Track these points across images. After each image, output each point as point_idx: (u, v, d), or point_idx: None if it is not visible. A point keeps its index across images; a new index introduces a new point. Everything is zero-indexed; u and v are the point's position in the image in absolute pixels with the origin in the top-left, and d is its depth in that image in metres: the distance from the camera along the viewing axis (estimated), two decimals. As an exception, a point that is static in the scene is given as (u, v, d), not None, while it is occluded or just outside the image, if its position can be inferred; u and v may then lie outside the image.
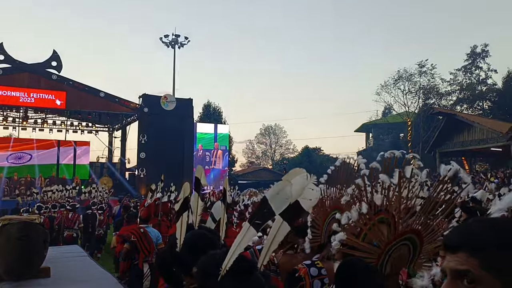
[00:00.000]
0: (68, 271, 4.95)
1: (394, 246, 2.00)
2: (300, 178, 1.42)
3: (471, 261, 0.88)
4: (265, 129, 64.72)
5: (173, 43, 37.91)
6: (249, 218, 1.48)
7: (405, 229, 2.03)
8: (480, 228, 0.92)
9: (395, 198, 2.05)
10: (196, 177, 2.25)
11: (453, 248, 0.92)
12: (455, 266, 0.90)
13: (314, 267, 2.33)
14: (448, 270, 0.93)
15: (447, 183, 2.16)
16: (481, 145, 28.01)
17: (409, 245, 2.08)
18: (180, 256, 1.93)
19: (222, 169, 33.33)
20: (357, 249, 1.91)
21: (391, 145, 39.21)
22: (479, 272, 0.87)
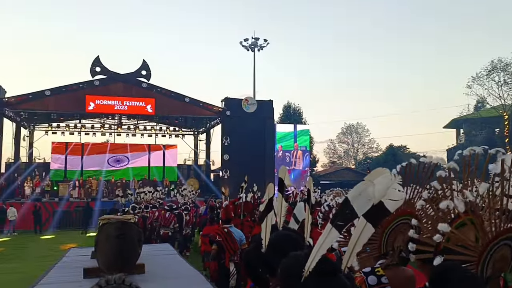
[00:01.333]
0: (160, 267, 5.27)
1: (496, 245, 1.85)
2: (384, 178, 1.37)
3: None
4: (346, 128, 63.56)
5: (253, 46, 38.62)
6: (331, 219, 1.47)
7: (507, 228, 1.87)
8: None
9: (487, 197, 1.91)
10: (279, 178, 2.25)
11: None
12: None
13: (374, 275, 2.20)
14: None
15: None
16: None
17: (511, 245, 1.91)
18: (265, 257, 1.95)
19: (302, 169, 33.20)
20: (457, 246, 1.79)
21: (485, 141, 36.38)
22: None
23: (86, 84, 27.67)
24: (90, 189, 28.11)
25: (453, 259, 1.77)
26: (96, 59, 27.82)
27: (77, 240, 18.98)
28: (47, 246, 17.50)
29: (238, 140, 29.51)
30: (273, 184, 2.27)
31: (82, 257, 6.21)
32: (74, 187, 27.68)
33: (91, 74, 27.76)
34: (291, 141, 33.83)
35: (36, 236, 21.15)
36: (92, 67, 27.73)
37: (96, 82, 27.71)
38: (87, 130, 31.41)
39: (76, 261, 5.98)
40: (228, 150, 29.78)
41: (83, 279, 4.74)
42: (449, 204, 1.85)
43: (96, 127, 31.75)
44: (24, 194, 26.59)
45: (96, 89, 27.70)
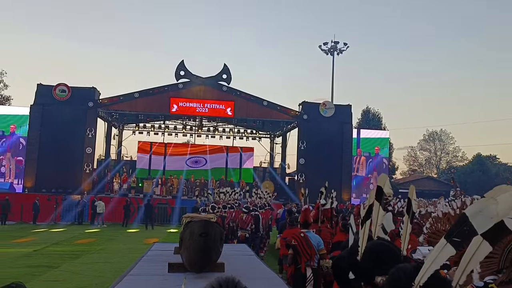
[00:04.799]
0: (239, 267, 5.39)
1: None
2: (508, 196, 1.31)
3: None
4: (429, 135, 60.60)
5: (332, 50, 38.23)
6: (446, 234, 1.43)
7: None
8: None
9: None
10: (378, 186, 2.22)
11: None
12: None
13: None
14: None
15: None
16: None
17: None
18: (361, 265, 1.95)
19: (365, 176, 32.07)
20: None
21: None
22: None
23: (171, 87, 29.15)
24: (171, 187, 29.50)
25: None
26: (181, 63, 29.19)
27: (159, 234, 20.01)
28: (133, 239, 18.64)
29: (314, 145, 29.34)
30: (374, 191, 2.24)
31: (166, 252, 6.55)
32: (157, 185, 29.20)
33: (175, 78, 29.20)
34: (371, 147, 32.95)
35: (123, 229, 22.61)
36: (177, 71, 29.14)
37: (180, 85, 29.10)
38: (170, 130, 33.03)
39: (160, 256, 6.32)
40: (304, 154, 29.71)
41: (167, 273, 5.00)
42: None
43: (178, 128, 33.28)
44: (113, 189, 28.59)
45: (179, 92, 29.10)
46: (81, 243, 16.56)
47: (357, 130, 33.28)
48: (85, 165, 27.37)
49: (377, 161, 32.87)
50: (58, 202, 25.17)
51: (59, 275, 10.48)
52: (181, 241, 5.14)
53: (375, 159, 32.85)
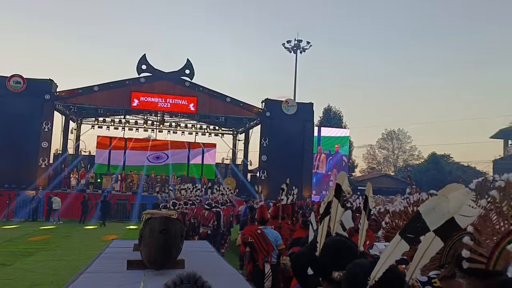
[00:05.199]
0: (200, 264, 5.37)
1: None
2: (459, 194, 1.37)
3: None
4: (387, 133, 62.31)
5: (295, 48, 38.58)
6: (400, 231, 1.48)
7: None
8: None
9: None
10: (337, 183, 2.27)
11: None
12: None
13: (430, 285, 2.19)
14: None
15: None
16: None
17: None
18: (320, 260, 1.99)
19: (325, 173, 32.71)
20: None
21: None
22: None
23: (132, 81, 28.54)
24: (131, 183, 28.95)
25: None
26: (143, 57, 28.64)
27: (117, 231, 19.61)
28: (90, 236, 18.18)
29: (276, 142, 29.56)
30: (333, 189, 2.29)
31: (125, 249, 6.42)
32: (116, 181, 28.57)
33: (137, 72, 28.62)
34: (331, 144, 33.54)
35: (80, 226, 22.01)
36: (139, 65, 28.57)
37: (141, 79, 28.54)
38: (130, 125, 32.34)
39: (119, 253, 6.19)
40: (266, 151, 29.87)
41: (126, 270, 4.91)
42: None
43: (139, 123, 32.65)
44: (70, 185, 27.74)
45: (141, 86, 28.54)
46: (35, 241, 15.98)
47: (318, 128, 33.77)
48: (40, 160, 26.38)
49: (337, 159, 33.53)
50: (11, 197, 24.15)
51: (12, 273, 10.09)
52: (140, 238, 5.06)
53: (335, 157, 33.49)
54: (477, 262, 2.01)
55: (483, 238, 1.95)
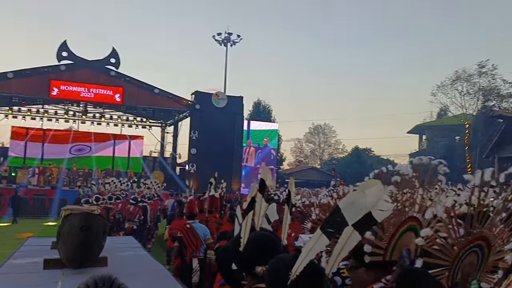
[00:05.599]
0: (124, 261, 5.18)
1: (467, 251, 1.95)
2: (375, 189, 1.43)
3: None
4: (314, 128, 64.26)
5: (226, 41, 38.44)
6: (321, 225, 1.51)
7: (477, 235, 1.98)
8: None
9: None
10: (261, 179, 2.28)
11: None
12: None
13: (338, 276, 2.29)
14: None
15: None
16: (545, 151, 26.30)
17: (478, 252, 2.02)
18: (243, 256, 1.99)
19: (254, 166, 33.21)
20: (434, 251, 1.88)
21: (446, 148, 37.72)
22: None
23: (52, 69, 26.80)
24: (50, 177, 27.26)
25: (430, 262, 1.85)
26: (63, 43, 27.00)
27: (34, 228, 18.40)
28: (3, 234, 16.90)
29: (206, 135, 29.37)
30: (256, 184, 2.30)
31: (42, 247, 6.03)
32: (33, 174, 26.77)
33: (57, 59, 26.92)
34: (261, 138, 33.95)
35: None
36: (59, 52, 26.90)
37: (62, 67, 26.89)
38: (50, 116, 30.34)
39: (35, 251, 5.80)
40: (195, 144, 29.59)
41: (43, 270, 4.61)
42: (433, 210, 1.93)
43: (59, 114, 30.73)
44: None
45: (61, 74, 26.90)
46: None
47: (247, 122, 34.04)
48: None
49: (266, 152, 34.05)
50: None
51: None
52: (59, 235, 4.76)
53: (264, 150, 33.98)
54: (376, 255, 2.16)
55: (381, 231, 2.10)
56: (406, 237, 2.21)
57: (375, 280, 2.09)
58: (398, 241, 2.19)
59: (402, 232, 2.21)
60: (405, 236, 2.21)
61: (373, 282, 2.08)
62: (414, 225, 2.20)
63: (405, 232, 2.21)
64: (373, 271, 2.16)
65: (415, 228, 2.20)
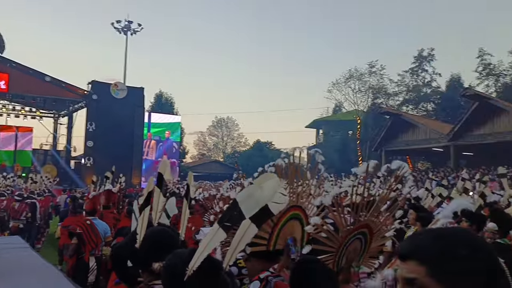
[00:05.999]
0: (9, 263, 4.73)
1: (351, 238, 2.08)
2: (272, 183, 1.46)
3: (419, 270, 0.96)
4: (217, 121, 64.50)
5: (126, 30, 36.82)
6: (218, 219, 1.50)
7: (361, 223, 2.12)
8: (427, 238, 1.01)
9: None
10: (159, 172, 2.21)
11: (405, 257, 1.01)
12: (405, 274, 0.99)
13: (235, 266, 2.34)
14: (400, 277, 1.01)
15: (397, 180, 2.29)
16: (424, 145, 29.33)
17: (362, 239, 2.18)
18: (140, 252, 1.93)
19: (155, 160, 32.52)
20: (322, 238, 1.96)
21: (340, 142, 40.31)
22: (426, 279, 0.95)
23: None
24: None
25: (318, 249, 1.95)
26: None
27: None
28: None
29: (104, 127, 27.97)
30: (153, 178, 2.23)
31: None
32: None
33: None
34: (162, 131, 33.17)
35: None
36: None
37: None
38: None
39: None
40: (92, 136, 28.07)
41: None
42: (323, 200, 2.03)
43: None
44: None
45: None
46: None
47: (148, 114, 33.10)
48: None
49: (167, 145, 33.42)
50: None
51: None
52: None
53: (165, 143, 33.31)
54: (258, 245, 2.25)
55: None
56: (290, 226, 2.30)
57: (262, 270, 2.16)
58: (281, 230, 2.27)
59: (285, 221, 2.29)
60: (288, 224, 2.29)
61: (261, 271, 2.15)
62: (297, 214, 2.30)
63: (289, 220, 2.29)
64: (261, 261, 2.23)
65: (298, 216, 2.30)
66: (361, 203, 2.17)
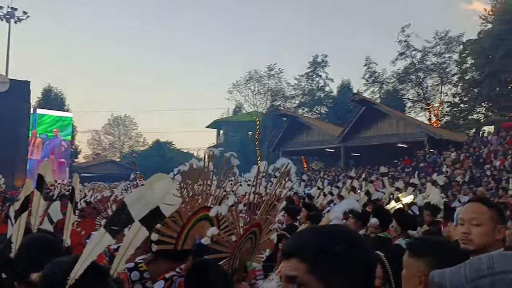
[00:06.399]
0: None
1: (244, 240, 2.12)
2: (163, 184, 1.40)
3: (300, 267, 0.97)
4: (114, 119, 61.83)
5: (8, 17, 33.51)
6: (105, 223, 1.40)
7: (252, 223, 2.17)
8: (309, 236, 1.02)
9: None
10: (39, 174, 2.02)
11: (287, 255, 1.01)
12: (287, 272, 0.99)
13: (137, 270, 2.30)
14: (282, 275, 1.02)
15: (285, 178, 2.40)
16: (317, 146, 31.20)
17: (253, 238, 2.24)
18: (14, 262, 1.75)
19: (41, 159, 30.20)
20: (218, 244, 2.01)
21: (240, 142, 41.05)
22: (306, 276, 0.96)
23: None
24: None
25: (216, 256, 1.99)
26: None
27: None
28: None
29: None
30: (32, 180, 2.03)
31: None
32: None
33: None
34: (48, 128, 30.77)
35: None
36: None
37: None
38: None
39: None
40: (-33, 133, 25.07)
41: None
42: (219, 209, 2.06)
43: None
44: None
45: None
46: None
47: (33, 110, 30.55)
48: None
49: (55, 144, 31.19)
50: None
51: None
52: None
53: (52, 142, 31.01)
54: (166, 243, 2.24)
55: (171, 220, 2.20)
56: (200, 227, 2.30)
57: (168, 270, 2.14)
58: (191, 230, 2.27)
59: (195, 221, 2.30)
60: (198, 225, 2.30)
61: (167, 271, 2.13)
62: (207, 215, 2.31)
63: (199, 221, 2.30)
64: (167, 260, 2.22)
65: (209, 217, 2.32)
66: (257, 202, 2.24)
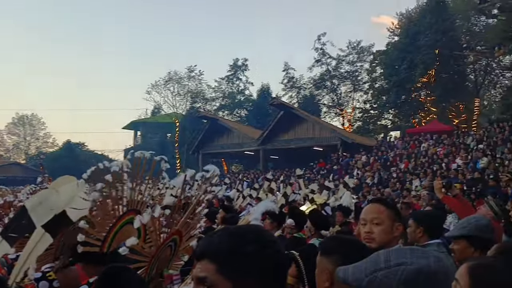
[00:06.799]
0: None
1: (164, 248, 2.09)
2: (69, 187, 1.30)
3: (210, 267, 0.96)
4: (18, 118, 57.66)
5: None
6: (1, 230, 1.26)
7: (173, 231, 2.13)
8: (220, 236, 1.01)
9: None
10: None
11: (199, 256, 1.00)
12: (197, 273, 0.98)
13: (45, 280, 2.15)
14: (193, 277, 1.01)
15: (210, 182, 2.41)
16: (237, 148, 31.46)
17: (172, 246, 2.20)
18: None
19: None
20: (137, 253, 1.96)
21: (159, 144, 40.16)
22: (215, 277, 0.95)
23: None
24: None
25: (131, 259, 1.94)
26: None
27: None
28: None
29: None
30: None
31: None
32: None
33: None
34: None
35: None
36: None
37: None
38: None
39: None
40: None
41: None
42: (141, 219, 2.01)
43: None
44: None
45: None
46: None
47: None
48: None
49: None
50: None
51: None
52: None
53: None
54: (92, 245, 2.15)
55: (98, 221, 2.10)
56: (127, 230, 2.24)
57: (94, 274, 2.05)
58: (117, 233, 2.21)
59: (122, 224, 2.24)
60: (125, 228, 2.25)
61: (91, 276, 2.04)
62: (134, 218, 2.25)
63: (125, 224, 2.26)
64: (90, 266, 2.14)
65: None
66: (177, 205, 2.21)
